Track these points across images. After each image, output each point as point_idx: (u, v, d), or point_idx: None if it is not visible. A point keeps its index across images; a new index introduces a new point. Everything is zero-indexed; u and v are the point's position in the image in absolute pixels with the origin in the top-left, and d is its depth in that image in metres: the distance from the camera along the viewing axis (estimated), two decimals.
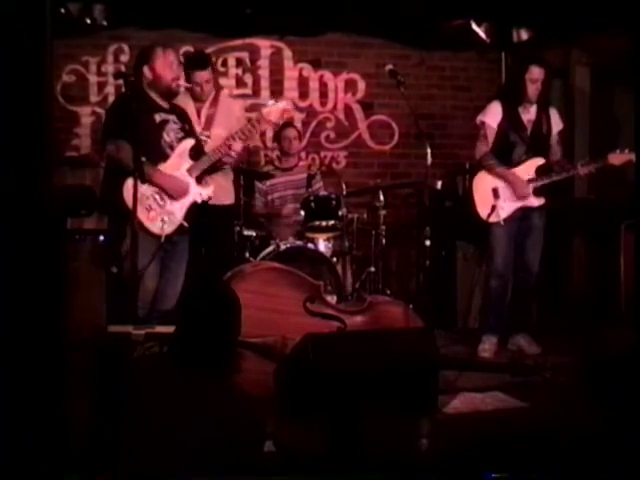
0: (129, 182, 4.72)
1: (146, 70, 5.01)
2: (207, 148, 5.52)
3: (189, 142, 5.06)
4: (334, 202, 6.21)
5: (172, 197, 4.95)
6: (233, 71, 7.46)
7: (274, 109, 5.31)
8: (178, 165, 4.99)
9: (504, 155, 5.89)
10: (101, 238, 5.58)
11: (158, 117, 5.02)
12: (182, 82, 5.30)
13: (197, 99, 5.80)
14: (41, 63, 2.89)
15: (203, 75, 5.75)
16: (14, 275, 2.73)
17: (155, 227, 4.89)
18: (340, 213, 6.19)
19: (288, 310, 4.72)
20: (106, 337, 4.23)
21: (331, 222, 6.16)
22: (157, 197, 4.93)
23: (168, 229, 4.91)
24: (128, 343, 4.09)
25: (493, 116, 5.93)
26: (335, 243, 6.27)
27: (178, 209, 4.98)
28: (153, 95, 5.05)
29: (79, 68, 7.10)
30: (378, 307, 5.01)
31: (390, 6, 6.79)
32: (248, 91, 7.47)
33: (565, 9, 6.54)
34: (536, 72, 5.80)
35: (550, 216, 6.06)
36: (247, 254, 6.05)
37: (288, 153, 6.75)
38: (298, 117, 7.51)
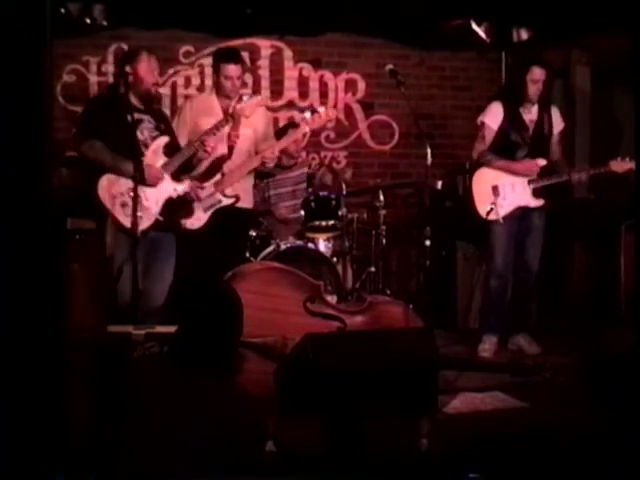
0: (103, 180, 4.94)
1: (128, 71, 5.07)
2: (237, 148, 5.66)
3: (163, 139, 5.11)
4: (334, 202, 6.21)
5: (147, 185, 4.98)
6: None
7: (248, 104, 5.37)
8: (153, 161, 5.05)
9: (505, 155, 5.89)
10: None
11: (131, 117, 5.05)
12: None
13: (225, 96, 5.73)
14: (41, 63, 2.89)
15: (236, 69, 5.68)
16: (14, 275, 2.73)
17: (131, 223, 4.90)
18: (340, 213, 6.19)
19: (288, 310, 4.72)
20: (106, 337, 4.24)
21: (331, 222, 6.16)
22: (132, 193, 4.96)
23: (144, 225, 4.93)
24: (128, 343, 4.09)
25: (493, 117, 5.94)
26: (335, 243, 6.27)
27: (153, 204, 5.03)
28: (129, 96, 5.11)
29: (79, 68, 7.10)
30: (378, 307, 5.01)
31: (390, 6, 6.79)
32: (248, 91, 7.46)
33: (565, 9, 6.54)
34: (537, 73, 5.80)
35: (550, 216, 6.06)
36: (247, 254, 6.05)
37: (292, 155, 6.75)
38: (298, 117, 7.49)
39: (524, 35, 7.41)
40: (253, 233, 6.17)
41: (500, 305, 6.02)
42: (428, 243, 5.58)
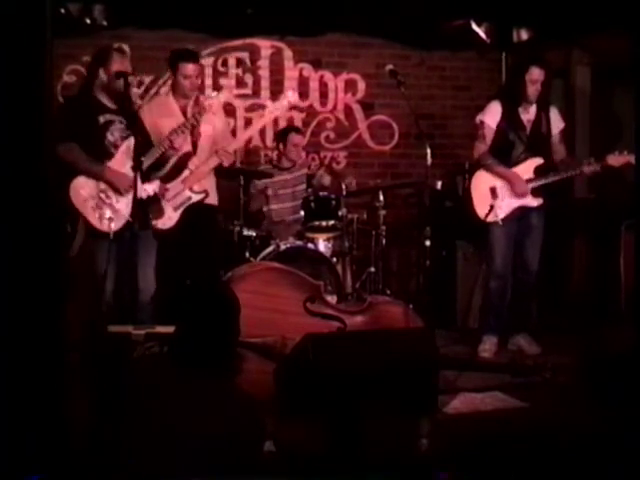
0: (76, 182, 4.99)
1: (101, 72, 5.11)
2: (201, 145, 5.74)
3: (132, 140, 5.06)
4: (334, 202, 6.21)
5: (119, 192, 5.03)
6: (233, 71, 7.46)
7: (215, 101, 5.41)
8: (123, 162, 5.05)
9: (503, 155, 5.90)
10: None
11: (102, 118, 5.10)
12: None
13: (182, 95, 5.77)
14: (41, 63, 2.90)
15: (194, 68, 5.73)
16: (14, 275, 2.73)
17: (103, 225, 4.97)
18: (340, 213, 6.19)
19: (288, 310, 4.72)
20: (106, 337, 4.24)
21: (331, 222, 6.16)
22: (103, 195, 5.03)
23: (115, 226, 4.97)
24: (128, 343, 4.09)
25: (492, 116, 5.94)
26: (335, 243, 6.27)
27: (124, 206, 5.01)
28: (101, 97, 5.15)
29: (79, 68, 7.09)
30: (378, 307, 5.01)
31: (390, 6, 6.79)
32: (248, 91, 7.47)
33: (565, 9, 6.54)
34: (536, 73, 5.80)
35: (550, 216, 6.06)
36: (247, 254, 6.05)
37: (293, 159, 6.76)
38: (298, 117, 7.51)
39: (524, 35, 7.42)
40: (253, 233, 6.17)
41: (500, 305, 6.02)
42: (428, 243, 5.58)
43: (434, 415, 4.02)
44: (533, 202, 5.88)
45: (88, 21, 6.57)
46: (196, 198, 5.58)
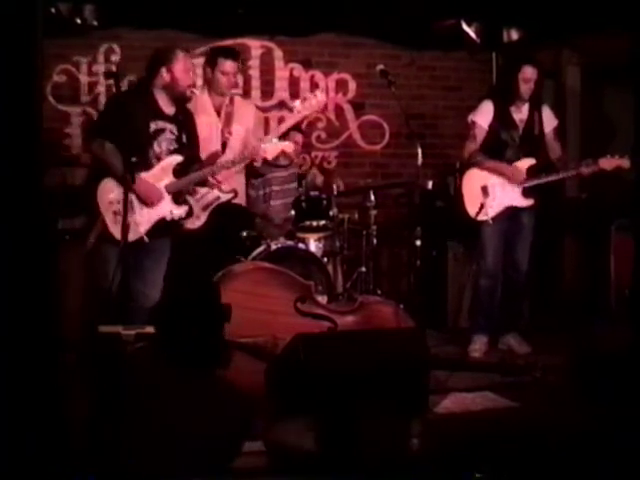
0: (104, 183, 4.88)
1: (164, 71, 5.00)
2: (230, 145, 5.68)
3: (176, 159, 5.02)
4: (325, 202, 6.21)
5: (145, 204, 4.94)
6: None
7: (272, 147, 5.34)
8: (159, 178, 4.97)
9: (496, 155, 5.90)
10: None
11: (154, 125, 4.98)
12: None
13: (218, 93, 5.75)
14: (32, 63, 2.90)
15: (233, 66, 5.70)
16: (7, 276, 2.73)
17: (117, 232, 4.83)
18: (331, 213, 6.19)
19: (279, 310, 4.71)
20: (97, 338, 4.22)
21: (322, 222, 6.16)
22: (128, 204, 4.92)
23: (130, 237, 4.79)
24: (118, 343, 4.08)
25: (484, 116, 5.94)
26: (326, 243, 6.26)
27: (145, 221, 4.95)
28: (160, 98, 5.04)
29: (70, 68, 7.09)
30: (369, 307, 5.01)
31: (381, 6, 6.80)
32: (239, 91, 7.46)
33: (555, 9, 6.55)
34: (529, 72, 5.81)
35: (541, 215, 6.07)
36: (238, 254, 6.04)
37: (290, 156, 6.75)
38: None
39: (514, 35, 7.43)
40: (244, 233, 6.16)
41: (490, 305, 6.03)
42: (419, 243, 5.59)
43: (425, 415, 4.03)
44: (524, 202, 5.89)
45: (78, 21, 6.54)
46: (225, 197, 5.56)
